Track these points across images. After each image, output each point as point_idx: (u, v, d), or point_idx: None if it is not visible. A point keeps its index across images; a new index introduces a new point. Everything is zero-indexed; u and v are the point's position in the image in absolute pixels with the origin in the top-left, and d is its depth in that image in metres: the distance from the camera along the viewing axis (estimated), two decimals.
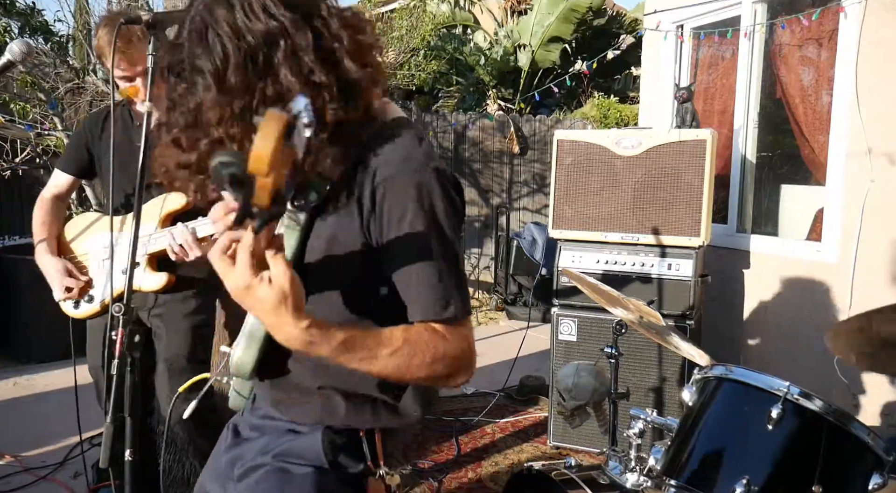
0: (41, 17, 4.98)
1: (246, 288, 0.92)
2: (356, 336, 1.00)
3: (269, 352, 1.15)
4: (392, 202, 1.06)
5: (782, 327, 3.59)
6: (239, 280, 0.92)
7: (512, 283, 6.59)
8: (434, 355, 1.05)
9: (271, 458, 1.18)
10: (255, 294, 0.92)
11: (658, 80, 4.41)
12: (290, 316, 0.93)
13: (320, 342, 0.97)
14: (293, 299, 0.93)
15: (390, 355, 1.02)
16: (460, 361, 1.08)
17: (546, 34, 9.16)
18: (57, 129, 4.97)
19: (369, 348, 1.01)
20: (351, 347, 0.99)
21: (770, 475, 1.48)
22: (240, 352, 1.16)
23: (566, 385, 3.17)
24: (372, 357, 1.01)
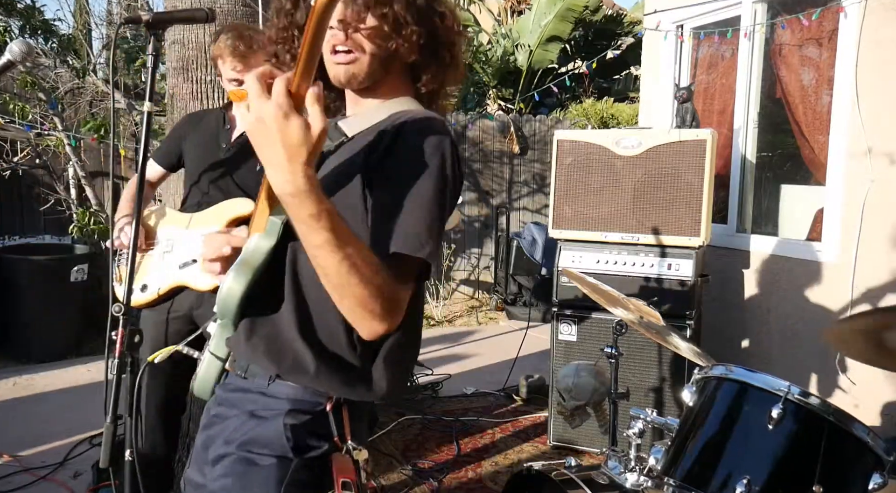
0: (41, 16, 4.98)
1: (284, 115, 0.92)
2: (340, 221, 0.99)
3: (259, 283, 1.15)
4: (409, 144, 1.11)
5: (782, 327, 3.59)
6: (278, 105, 0.92)
7: (512, 283, 6.59)
8: (379, 286, 1.02)
9: (236, 447, 1.17)
10: (288, 124, 0.92)
11: (658, 80, 4.41)
12: (304, 159, 0.93)
13: (313, 196, 0.95)
14: (314, 149, 0.94)
15: (353, 254, 0.99)
16: (393, 305, 1.05)
17: (544, 34, 9.15)
18: (57, 129, 4.98)
19: (343, 233, 0.98)
20: (332, 218, 0.97)
21: (770, 474, 1.48)
22: (230, 280, 1.14)
23: (566, 385, 3.17)
24: (338, 242, 0.98)
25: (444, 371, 4.49)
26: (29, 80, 4.87)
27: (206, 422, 1.28)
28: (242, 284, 1.15)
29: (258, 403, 1.19)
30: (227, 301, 1.16)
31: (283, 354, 1.16)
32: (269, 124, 0.93)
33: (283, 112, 0.93)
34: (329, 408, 1.17)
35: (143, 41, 6.62)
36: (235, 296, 1.15)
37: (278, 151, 0.94)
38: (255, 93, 0.95)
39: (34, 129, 4.90)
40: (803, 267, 3.48)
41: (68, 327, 4.87)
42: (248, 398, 1.21)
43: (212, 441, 1.23)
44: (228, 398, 1.25)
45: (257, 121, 0.94)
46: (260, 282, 1.17)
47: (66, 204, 5.40)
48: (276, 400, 1.17)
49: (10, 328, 4.76)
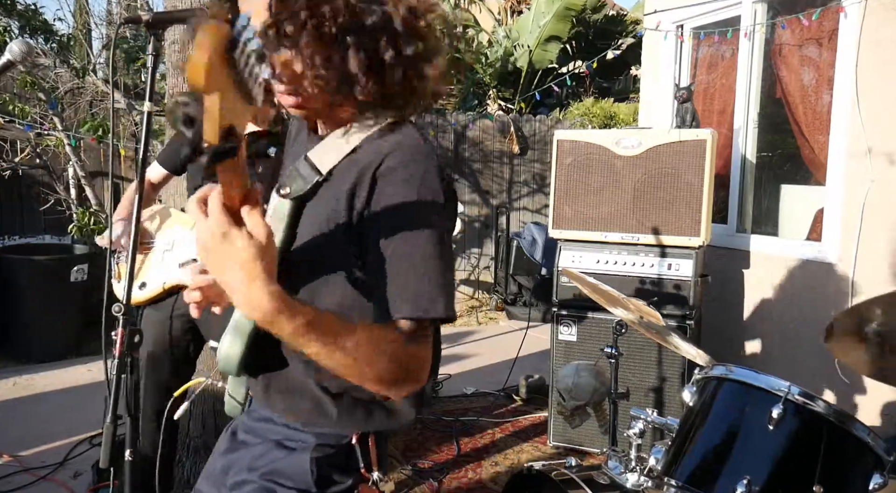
0: (41, 16, 4.98)
1: (222, 236, 0.84)
2: (323, 317, 0.92)
3: (256, 345, 1.13)
4: (392, 192, 1.03)
5: (782, 327, 3.59)
6: (213, 227, 0.84)
7: (512, 283, 6.59)
8: (392, 356, 0.97)
9: (259, 476, 1.16)
10: (230, 244, 0.84)
11: (658, 80, 4.40)
12: (262, 278, 0.85)
13: (286, 314, 0.87)
14: (269, 260, 0.86)
15: (354, 348, 0.93)
16: (417, 367, 1.01)
17: (543, 34, 9.15)
18: (57, 129, 4.98)
19: (334, 334, 0.92)
20: (316, 327, 0.90)
21: (771, 475, 1.48)
22: (226, 346, 1.14)
23: (566, 385, 3.17)
24: (333, 345, 0.92)
25: (444, 371, 4.48)
26: (29, 81, 4.87)
27: (229, 446, 1.28)
28: (238, 348, 1.13)
29: (283, 434, 1.19)
30: (227, 364, 1.15)
31: (301, 408, 1.15)
32: (212, 249, 0.86)
33: (221, 232, 0.85)
34: (355, 441, 1.15)
35: (143, 41, 6.62)
36: (234, 360, 1.14)
37: (233, 274, 0.86)
38: (197, 219, 0.87)
39: (34, 129, 4.90)
40: (803, 267, 3.48)
41: (68, 327, 4.87)
42: (274, 429, 1.21)
43: (232, 465, 1.23)
44: (255, 428, 1.25)
45: (203, 250, 0.87)
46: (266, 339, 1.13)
47: (66, 204, 5.40)
48: (301, 433, 1.17)
49: (10, 328, 4.76)
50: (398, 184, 1.03)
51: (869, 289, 3.14)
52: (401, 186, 1.03)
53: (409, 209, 1.02)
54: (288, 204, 1.11)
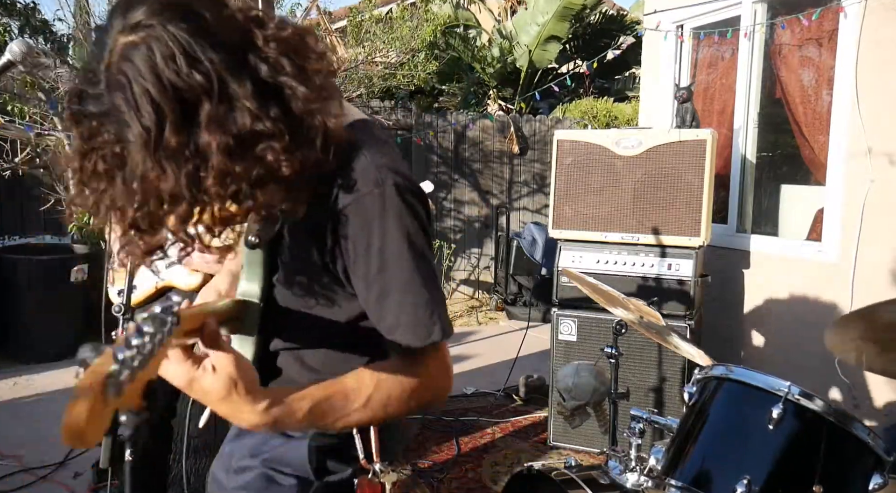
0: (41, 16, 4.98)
1: (189, 382, 0.85)
2: (322, 401, 0.94)
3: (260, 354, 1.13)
4: (356, 231, 0.98)
5: (782, 327, 3.59)
6: (178, 376, 0.85)
7: (512, 283, 6.59)
8: (411, 389, 1.00)
9: (260, 462, 1.17)
10: (200, 387, 0.86)
11: (658, 80, 4.40)
12: (245, 402, 0.87)
13: (285, 419, 0.91)
14: (244, 383, 0.86)
15: (364, 407, 0.97)
16: (439, 385, 1.05)
17: (542, 34, 9.15)
18: (57, 129, 4.97)
19: (339, 409, 0.96)
20: (319, 414, 0.94)
21: (771, 475, 1.48)
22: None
23: (566, 385, 3.17)
24: (345, 416, 0.96)
25: None
26: (29, 81, 4.87)
27: (238, 432, 1.28)
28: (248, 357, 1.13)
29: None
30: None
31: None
32: (189, 392, 0.87)
33: (188, 379, 0.85)
34: (356, 431, 1.14)
35: None
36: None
37: (217, 408, 0.89)
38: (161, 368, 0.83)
39: (34, 129, 4.90)
40: (803, 267, 3.48)
41: (68, 327, 4.87)
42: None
43: (237, 450, 1.23)
44: None
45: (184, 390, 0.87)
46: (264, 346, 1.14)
47: (66, 204, 5.40)
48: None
49: (10, 328, 4.76)
50: (358, 221, 0.97)
51: (869, 289, 3.14)
52: (360, 224, 0.97)
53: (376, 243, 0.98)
54: (258, 253, 1.08)
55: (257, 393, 0.89)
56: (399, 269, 0.99)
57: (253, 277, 1.09)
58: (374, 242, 0.98)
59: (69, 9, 5.74)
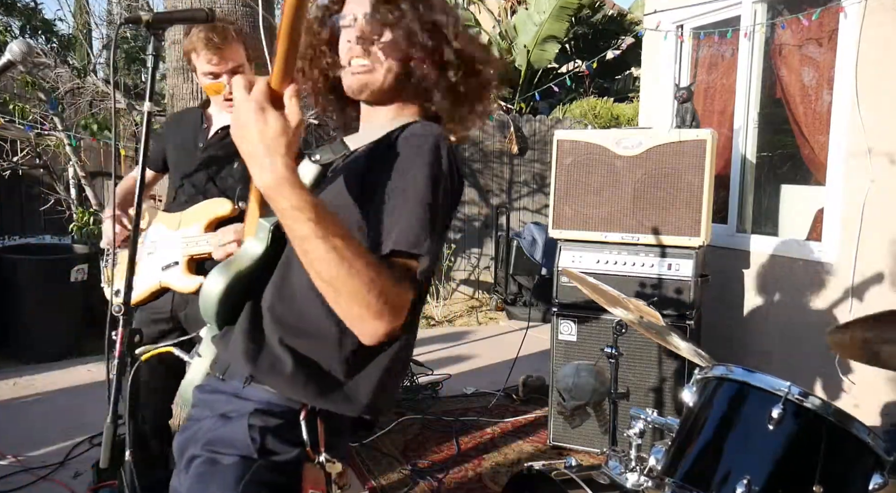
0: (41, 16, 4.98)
1: (260, 109, 0.97)
2: (324, 208, 0.99)
3: (240, 285, 1.17)
4: (403, 156, 1.12)
5: (782, 327, 3.59)
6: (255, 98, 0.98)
7: (512, 283, 6.59)
8: (373, 280, 0.99)
9: (201, 447, 1.16)
10: (263, 118, 0.97)
11: (658, 80, 4.41)
12: (281, 152, 0.96)
13: (292, 185, 0.97)
14: (293, 139, 0.98)
15: (342, 247, 0.97)
16: (393, 303, 1.02)
17: (541, 34, 9.15)
18: (57, 129, 4.97)
19: (329, 224, 0.98)
20: (315, 210, 0.97)
21: (771, 475, 1.48)
22: (209, 280, 1.17)
23: (566, 385, 3.17)
24: (324, 234, 0.97)
25: (444, 371, 4.49)
26: (29, 81, 4.87)
27: (182, 426, 1.27)
28: (221, 284, 1.17)
29: (230, 404, 1.17)
30: (205, 300, 1.18)
31: (261, 355, 1.15)
32: (246, 121, 0.98)
33: (259, 106, 0.97)
34: (303, 416, 1.14)
35: (143, 41, 6.62)
36: (213, 295, 1.17)
37: (256, 144, 0.97)
38: (237, 92, 0.99)
39: (34, 129, 4.90)
40: (803, 267, 3.48)
41: (68, 327, 4.87)
42: (222, 400, 1.19)
43: (185, 446, 1.22)
44: (204, 400, 1.24)
45: (236, 119, 0.99)
46: (252, 286, 1.20)
47: (66, 204, 5.40)
48: (246, 402, 1.15)
49: (10, 328, 4.76)
50: (409, 147, 1.13)
51: (869, 289, 3.14)
52: (411, 148, 1.13)
53: (414, 162, 1.11)
54: (314, 169, 1.22)
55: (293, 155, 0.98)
56: (419, 186, 1.09)
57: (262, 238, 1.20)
58: (412, 168, 1.10)
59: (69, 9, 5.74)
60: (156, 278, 2.23)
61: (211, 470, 1.13)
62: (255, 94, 0.99)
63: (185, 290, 2.21)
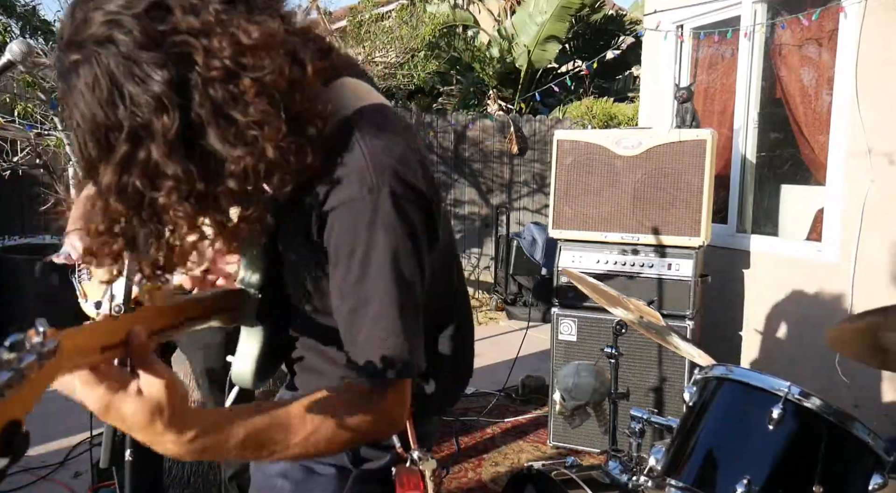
0: (41, 16, 4.98)
1: (105, 408, 0.72)
2: (260, 431, 0.83)
3: (268, 356, 1.11)
4: (341, 236, 0.91)
5: (782, 327, 3.59)
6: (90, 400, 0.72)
7: (512, 283, 6.59)
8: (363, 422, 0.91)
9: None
10: (118, 413, 0.73)
11: (658, 80, 4.40)
12: (169, 431, 0.75)
13: (215, 448, 0.80)
14: (170, 409, 0.74)
15: (305, 440, 0.86)
16: (391, 421, 0.96)
17: (541, 34, 9.15)
18: (57, 129, 4.97)
19: (278, 441, 0.85)
20: (253, 445, 0.83)
21: (771, 475, 1.48)
22: (238, 364, 1.10)
23: (566, 385, 3.17)
24: (282, 450, 0.85)
25: None
26: (29, 81, 4.87)
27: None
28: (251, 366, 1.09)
29: None
30: (241, 381, 1.11)
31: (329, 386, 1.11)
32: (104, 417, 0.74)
33: (103, 403, 0.72)
34: None
35: None
36: (247, 375, 1.10)
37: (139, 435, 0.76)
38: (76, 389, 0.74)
39: (34, 129, 4.90)
40: (803, 267, 3.48)
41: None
42: None
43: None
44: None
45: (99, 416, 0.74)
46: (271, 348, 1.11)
47: (66, 204, 5.40)
48: None
49: (10, 328, 4.75)
50: (344, 226, 0.91)
51: (869, 289, 3.14)
52: (347, 229, 0.90)
53: (359, 254, 0.90)
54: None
55: (185, 420, 0.77)
56: (377, 290, 0.90)
57: (252, 265, 1.04)
58: (357, 252, 0.90)
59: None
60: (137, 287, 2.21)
61: (308, 478, 1.11)
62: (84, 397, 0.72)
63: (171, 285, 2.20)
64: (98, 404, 0.72)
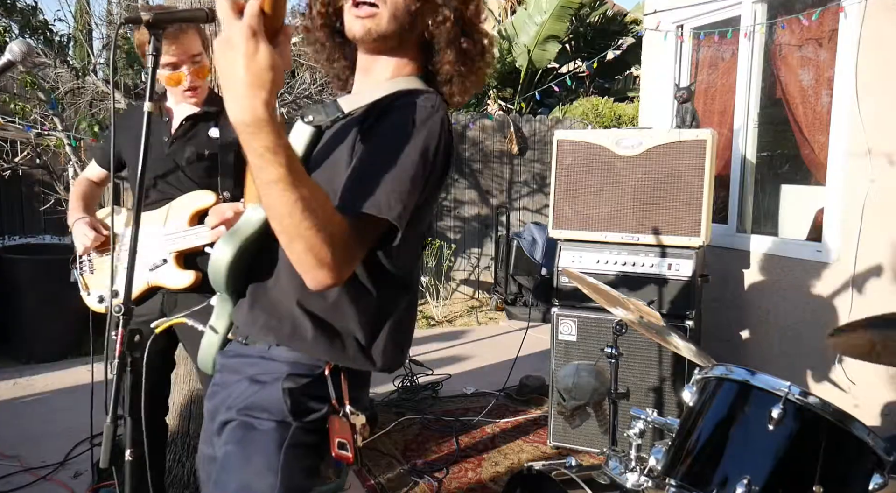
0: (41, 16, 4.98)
1: (252, 35, 0.89)
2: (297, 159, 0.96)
3: (247, 252, 1.17)
4: (400, 126, 1.10)
5: (782, 327, 3.59)
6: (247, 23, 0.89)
7: (512, 283, 6.59)
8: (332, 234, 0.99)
9: (236, 412, 1.19)
10: (257, 44, 0.89)
11: (658, 80, 4.40)
12: (266, 88, 0.90)
13: (270, 127, 0.91)
14: (280, 78, 0.91)
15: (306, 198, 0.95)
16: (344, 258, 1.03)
17: (541, 34, 9.15)
18: (57, 129, 4.97)
19: (297, 174, 0.94)
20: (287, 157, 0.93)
21: (771, 475, 1.48)
22: (218, 249, 1.17)
23: (566, 385, 3.17)
24: (290, 182, 0.93)
25: (444, 371, 4.48)
26: (29, 81, 4.87)
27: (210, 392, 1.30)
28: (229, 252, 1.17)
29: (258, 366, 1.20)
30: (215, 270, 1.18)
31: (281, 323, 1.18)
32: (235, 44, 0.89)
33: (251, 31, 0.89)
34: (327, 372, 1.18)
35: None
36: (223, 264, 1.17)
37: (241, 74, 0.89)
38: (225, 13, 0.91)
39: (34, 129, 4.90)
40: (803, 267, 3.48)
41: (68, 327, 4.87)
42: (248, 362, 1.22)
43: (216, 410, 1.25)
44: (228, 364, 1.27)
45: (224, 41, 0.90)
46: (259, 253, 1.20)
47: (66, 204, 5.39)
48: (275, 363, 1.18)
49: (10, 328, 4.75)
50: (399, 109, 1.11)
51: (869, 289, 3.14)
52: (409, 120, 1.10)
53: (411, 135, 1.09)
54: (308, 130, 1.18)
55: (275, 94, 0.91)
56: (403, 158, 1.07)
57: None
58: (406, 141, 1.08)
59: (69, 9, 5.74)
60: (143, 279, 2.20)
61: (249, 436, 1.16)
62: (248, 17, 0.90)
63: (180, 285, 2.20)
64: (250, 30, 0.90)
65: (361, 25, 1.14)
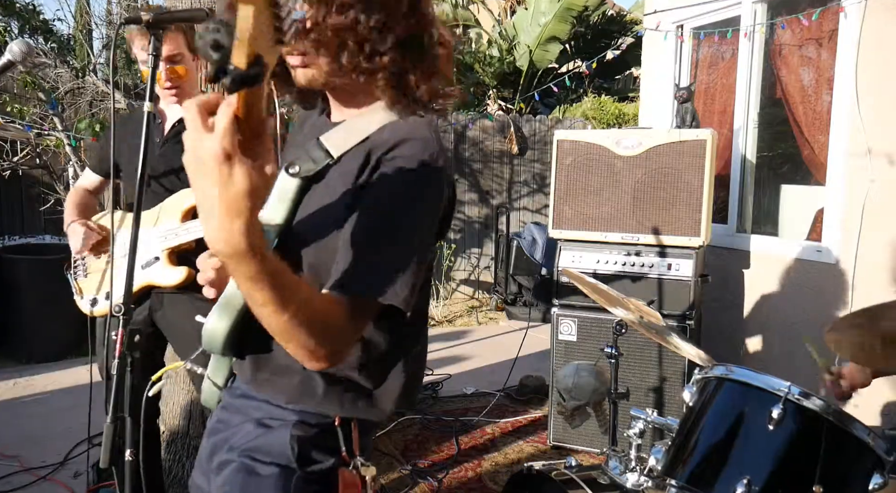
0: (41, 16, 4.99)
1: (225, 158, 0.75)
2: (283, 269, 0.88)
3: (244, 323, 1.09)
4: (390, 175, 1.04)
5: (782, 327, 3.59)
6: (220, 144, 0.75)
7: (512, 283, 6.59)
8: (325, 335, 0.96)
9: (238, 454, 1.15)
10: (228, 170, 0.75)
11: (658, 80, 4.40)
12: (245, 216, 0.78)
13: (250, 258, 0.81)
14: (260, 200, 0.79)
15: (297, 314, 0.90)
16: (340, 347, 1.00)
17: (543, 34, 9.15)
18: (57, 129, 4.97)
19: (285, 293, 0.88)
20: (272, 281, 0.86)
21: (771, 475, 1.48)
22: (212, 320, 1.10)
23: (566, 385, 3.17)
24: (279, 305, 0.88)
25: (444, 371, 4.49)
26: (29, 81, 4.87)
27: (211, 428, 1.27)
28: (225, 324, 1.10)
29: (264, 410, 1.17)
30: (211, 341, 1.12)
31: (288, 386, 1.14)
32: (207, 170, 0.76)
33: (225, 156, 0.75)
34: (338, 423, 1.14)
35: None
36: (219, 336, 1.11)
37: (213, 203, 0.77)
38: (194, 124, 0.77)
39: (34, 129, 4.90)
40: (803, 267, 3.48)
41: (68, 327, 4.86)
42: (254, 405, 1.19)
43: (217, 449, 1.22)
44: (233, 404, 1.24)
45: (195, 162, 0.77)
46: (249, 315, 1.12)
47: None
48: (283, 411, 1.15)
49: (10, 328, 4.75)
50: (398, 169, 1.05)
51: (869, 289, 3.14)
52: (399, 171, 1.04)
53: (405, 196, 1.04)
54: (295, 183, 1.11)
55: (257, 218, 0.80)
56: (404, 223, 1.03)
57: (278, 207, 1.11)
58: (401, 196, 1.04)
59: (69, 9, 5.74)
60: (136, 278, 2.21)
61: (250, 479, 1.12)
62: (219, 137, 0.75)
63: (172, 282, 2.20)
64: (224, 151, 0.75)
65: (302, 75, 1.07)
